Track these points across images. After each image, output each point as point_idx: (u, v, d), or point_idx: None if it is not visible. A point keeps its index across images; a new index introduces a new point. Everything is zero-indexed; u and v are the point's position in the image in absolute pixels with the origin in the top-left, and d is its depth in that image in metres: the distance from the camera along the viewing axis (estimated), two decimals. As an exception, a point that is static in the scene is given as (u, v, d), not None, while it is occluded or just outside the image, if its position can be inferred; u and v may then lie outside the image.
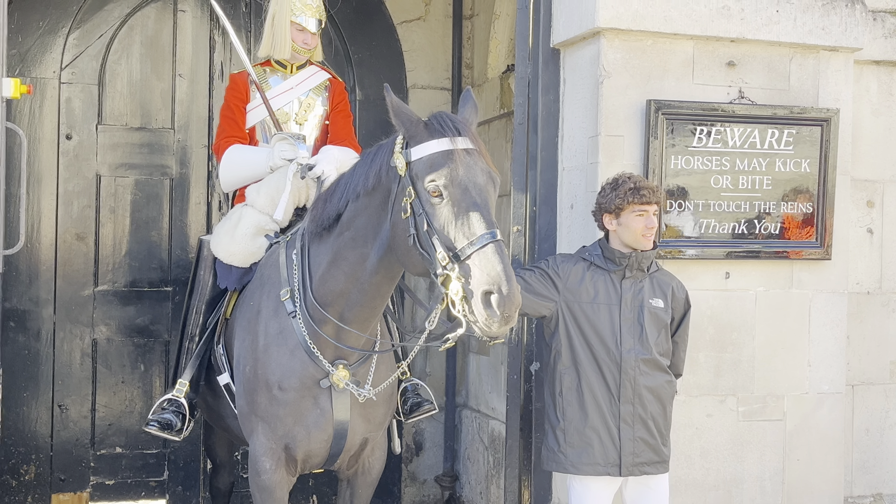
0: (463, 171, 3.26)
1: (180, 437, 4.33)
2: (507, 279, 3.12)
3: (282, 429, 3.83)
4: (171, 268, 6.25)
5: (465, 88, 3.85)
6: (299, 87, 4.65)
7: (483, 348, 6.51)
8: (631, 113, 4.38)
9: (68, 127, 6.10)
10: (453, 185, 3.24)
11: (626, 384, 3.90)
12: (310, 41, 4.63)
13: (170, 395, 4.34)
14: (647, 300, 3.95)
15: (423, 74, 6.72)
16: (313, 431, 3.83)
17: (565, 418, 3.96)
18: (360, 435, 3.96)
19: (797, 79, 4.60)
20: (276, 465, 3.87)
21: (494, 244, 3.17)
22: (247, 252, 4.29)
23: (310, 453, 3.89)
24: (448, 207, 3.24)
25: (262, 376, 3.86)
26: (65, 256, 6.10)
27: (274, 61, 4.69)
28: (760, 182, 4.52)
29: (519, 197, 4.70)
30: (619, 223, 3.92)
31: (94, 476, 6.16)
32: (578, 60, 4.55)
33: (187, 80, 6.29)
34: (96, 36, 6.13)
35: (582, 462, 3.93)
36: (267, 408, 3.84)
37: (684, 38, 4.43)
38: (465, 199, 3.23)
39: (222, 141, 4.58)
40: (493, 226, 3.22)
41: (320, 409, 3.82)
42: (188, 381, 4.33)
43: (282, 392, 3.81)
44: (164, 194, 6.28)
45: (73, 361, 6.12)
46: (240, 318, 4.14)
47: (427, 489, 6.79)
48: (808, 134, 4.55)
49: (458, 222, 3.22)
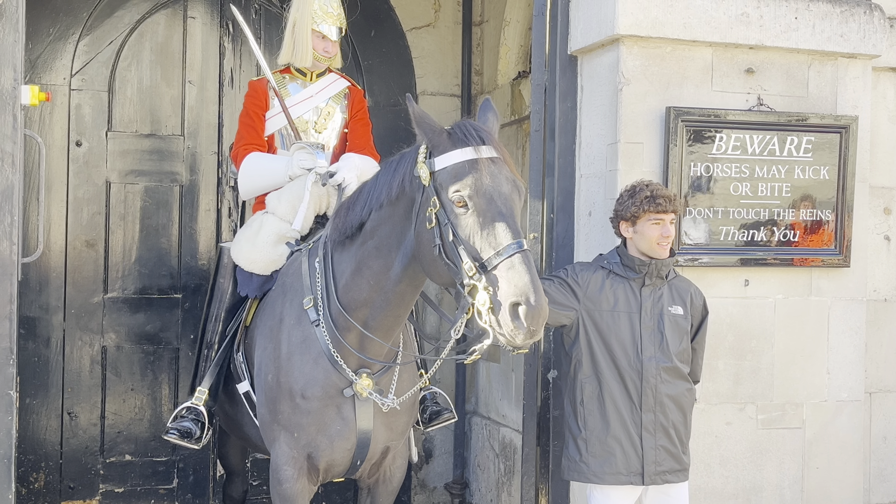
0: (488, 180, 3.24)
1: (199, 445, 4.30)
2: (534, 290, 3.09)
3: (305, 438, 3.81)
4: (180, 275, 6.22)
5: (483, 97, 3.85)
6: (319, 96, 4.63)
7: (494, 355, 6.49)
8: (650, 120, 4.37)
9: (78, 134, 6.07)
10: (478, 195, 3.22)
11: (648, 392, 3.88)
12: (330, 49, 4.61)
13: (189, 402, 4.32)
14: (666, 307, 3.94)
15: (433, 81, 6.70)
16: (336, 440, 3.81)
17: (587, 428, 3.94)
18: (383, 443, 3.94)
19: (816, 86, 4.59)
20: (299, 474, 3.85)
21: (522, 254, 3.14)
22: (268, 260, 4.27)
23: (332, 462, 3.86)
24: (473, 217, 3.21)
25: (285, 385, 3.83)
26: (74, 263, 6.07)
27: (294, 69, 4.66)
28: (779, 189, 4.51)
29: (535, 204, 4.68)
30: (635, 231, 3.91)
31: (103, 484, 6.12)
32: (597, 67, 4.54)
33: (197, 87, 6.27)
34: (106, 42, 6.10)
35: (604, 472, 3.91)
36: (290, 416, 3.82)
37: (703, 44, 4.42)
38: (491, 209, 3.21)
39: (241, 148, 4.55)
40: (520, 235, 3.19)
41: (343, 418, 3.80)
42: (207, 389, 4.30)
43: (305, 401, 3.78)
44: (173, 201, 6.25)
45: (83, 369, 6.09)
46: (261, 326, 4.12)
47: (437, 497, 6.76)
48: (826, 141, 4.54)
49: (483, 232, 3.20)
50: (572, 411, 4.00)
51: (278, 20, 6.32)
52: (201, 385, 4.34)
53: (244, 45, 6.34)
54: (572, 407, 4.00)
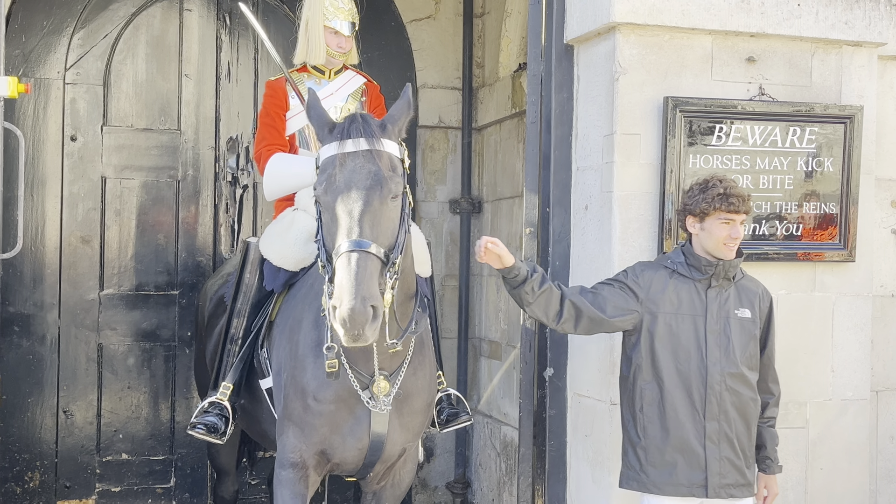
0: (340, 175, 3.27)
1: (223, 440, 4.24)
2: (348, 294, 3.09)
3: (316, 436, 3.76)
4: (177, 271, 6.15)
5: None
6: (338, 94, 4.60)
7: (496, 353, 6.39)
8: (648, 110, 4.24)
9: (73, 128, 6.01)
10: (328, 193, 3.27)
11: (712, 400, 3.65)
12: (344, 44, 4.59)
13: (213, 398, 4.25)
14: (733, 310, 3.71)
15: (434, 74, 6.61)
16: (349, 439, 3.76)
17: (646, 436, 3.70)
18: (400, 445, 3.88)
19: (819, 75, 4.46)
20: (302, 462, 3.79)
21: (347, 255, 3.15)
22: (298, 257, 4.23)
23: (344, 460, 3.83)
24: (327, 216, 3.29)
25: (299, 386, 3.78)
26: (69, 260, 6.01)
27: (311, 67, 4.62)
28: (782, 182, 4.38)
29: (531, 198, 4.57)
30: (703, 228, 3.69)
31: (99, 483, 6.06)
32: (593, 57, 4.42)
33: (194, 81, 6.19)
34: (101, 36, 6.04)
35: (665, 482, 3.68)
36: (301, 416, 3.77)
37: (702, 32, 4.29)
38: (336, 208, 3.25)
39: (263, 149, 4.52)
40: (355, 234, 3.19)
41: (356, 418, 3.74)
42: (232, 384, 4.24)
43: (317, 403, 3.74)
44: (170, 196, 6.19)
45: (79, 366, 6.03)
46: (282, 324, 4.08)
47: (438, 496, 6.67)
48: (831, 132, 4.41)
49: (331, 232, 3.26)
50: (631, 418, 3.77)
51: (276, 13, 6.25)
52: (226, 380, 4.27)
53: (241, 39, 6.27)
54: (631, 413, 3.77)
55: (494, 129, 6.44)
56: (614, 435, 4.19)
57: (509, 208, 6.17)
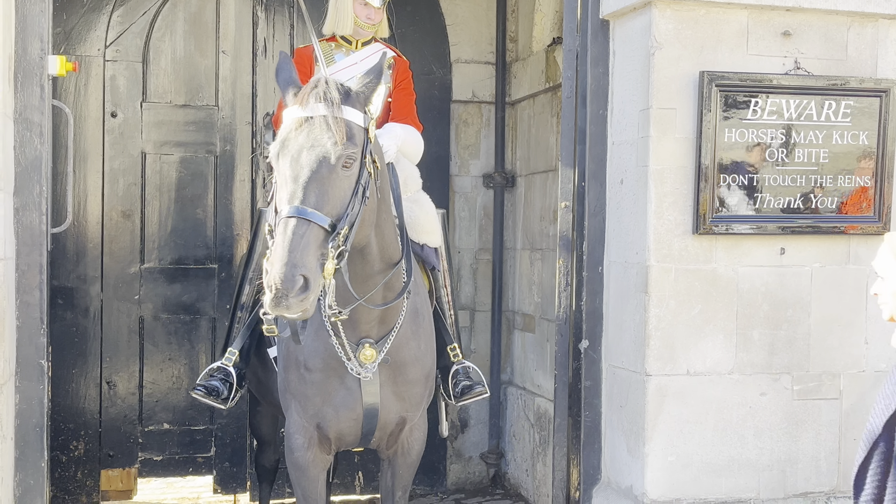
0: (292, 139, 3.20)
1: (226, 406, 4.32)
2: (279, 260, 2.98)
3: (312, 408, 3.81)
4: (216, 245, 6.25)
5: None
6: (362, 64, 4.57)
7: (529, 325, 6.46)
8: (683, 85, 4.27)
9: (113, 105, 6.10)
10: (279, 158, 3.19)
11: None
12: (373, 16, 4.54)
13: (219, 363, 4.34)
14: None
15: (467, 49, 6.64)
16: (342, 411, 3.80)
17: None
18: (396, 414, 3.91)
19: (855, 48, 4.46)
20: (309, 444, 3.86)
21: (284, 220, 3.06)
22: None
23: (341, 433, 3.86)
24: (279, 179, 3.21)
25: (293, 355, 3.84)
26: (111, 234, 6.12)
27: (339, 37, 4.62)
28: (817, 155, 4.40)
29: (567, 172, 4.62)
30: None
31: (142, 452, 6.20)
32: (629, 31, 4.45)
33: (231, 57, 6.26)
34: (140, 13, 6.11)
35: None
36: (297, 386, 3.83)
37: (738, 7, 4.31)
38: (286, 172, 3.16)
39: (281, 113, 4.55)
40: (297, 200, 3.09)
41: (347, 388, 3.78)
42: (238, 351, 4.32)
43: (308, 372, 3.79)
44: (208, 172, 6.27)
45: (121, 338, 6.15)
46: None
47: (472, 466, 6.76)
48: (866, 105, 4.42)
49: (278, 195, 3.19)
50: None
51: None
52: (232, 346, 4.36)
53: (277, 15, 6.32)
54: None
55: (528, 103, 6.47)
56: (649, 406, 4.26)
57: (543, 182, 6.21)
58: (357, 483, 6.41)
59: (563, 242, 4.64)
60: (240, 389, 4.34)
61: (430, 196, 4.47)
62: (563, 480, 4.69)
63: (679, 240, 4.30)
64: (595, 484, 4.63)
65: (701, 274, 4.34)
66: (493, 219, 6.71)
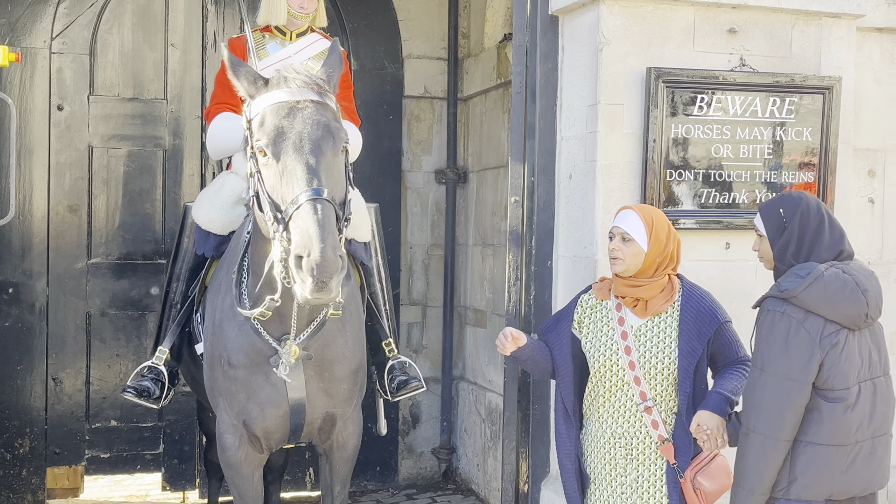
0: (291, 125, 3.15)
1: (158, 405, 4.27)
2: (319, 241, 2.95)
3: (237, 405, 3.77)
4: (164, 240, 6.19)
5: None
6: (298, 55, 4.52)
7: (481, 321, 6.48)
8: (631, 81, 4.31)
9: (59, 98, 6.02)
10: (277, 142, 3.14)
11: None
12: (307, 6, 4.47)
13: (149, 362, 4.29)
14: None
15: (419, 44, 6.64)
16: (267, 408, 3.75)
17: None
18: (323, 409, 3.85)
19: (799, 46, 4.53)
20: (240, 442, 3.82)
21: (311, 203, 3.02)
22: (226, 220, 4.23)
23: (268, 430, 3.80)
24: (274, 166, 3.14)
25: (217, 351, 3.80)
26: (57, 229, 6.04)
27: (274, 27, 4.56)
28: (761, 151, 4.46)
29: (516, 167, 4.63)
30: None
31: (89, 449, 6.13)
32: (577, 27, 4.48)
33: (180, 50, 6.21)
34: (87, 5, 6.04)
35: None
36: (222, 383, 3.79)
37: (685, 4, 4.35)
38: (289, 157, 3.12)
39: (213, 107, 4.50)
40: (315, 183, 3.07)
41: (272, 385, 3.72)
42: (168, 349, 4.27)
43: (232, 368, 3.74)
44: (157, 166, 6.22)
45: (67, 335, 6.08)
46: (210, 289, 4.08)
47: (424, 462, 6.77)
48: (810, 102, 4.49)
49: (282, 182, 3.12)
50: None
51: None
52: (162, 345, 4.31)
53: (227, 8, 6.27)
54: None
55: (480, 99, 6.49)
56: (597, 399, 4.28)
57: (494, 178, 6.24)
58: (308, 479, 6.39)
59: (513, 237, 4.65)
60: (172, 388, 4.30)
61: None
62: (512, 474, 4.71)
63: (626, 234, 4.34)
64: (544, 477, 4.65)
65: (648, 268, 4.38)
66: (445, 214, 6.72)
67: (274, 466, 5.02)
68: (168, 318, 4.45)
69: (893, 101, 4.92)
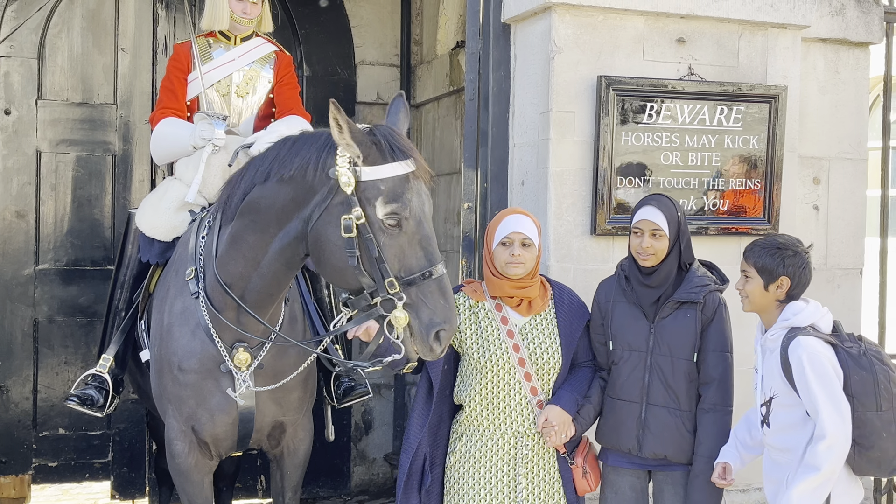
0: (416, 200, 3.25)
1: (103, 413, 4.25)
2: (455, 315, 3.21)
3: (186, 410, 3.76)
4: (113, 246, 6.11)
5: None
6: (241, 59, 4.53)
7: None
8: (582, 89, 4.36)
9: (7, 102, 5.95)
10: (411, 217, 3.22)
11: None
12: (249, 10, 4.48)
13: (93, 370, 4.25)
14: None
15: (372, 51, 6.65)
16: (217, 414, 3.75)
17: None
18: (271, 417, 3.87)
19: (746, 56, 4.62)
20: (190, 449, 3.81)
21: (441, 278, 3.21)
22: (169, 226, 4.22)
23: (217, 436, 3.80)
24: (404, 237, 3.21)
25: (166, 356, 3.78)
26: (4, 234, 5.96)
27: (218, 32, 4.56)
28: (709, 159, 4.53)
29: (469, 174, 4.67)
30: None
31: (36, 458, 6.04)
32: (529, 36, 4.52)
33: (130, 55, 6.16)
34: (35, 8, 5.97)
35: None
36: (172, 389, 3.77)
37: (635, 13, 4.41)
38: (419, 231, 3.23)
39: (158, 112, 4.48)
40: (440, 259, 3.27)
41: (222, 392, 3.73)
42: (112, 357, 4.25)
43: (182, 373, 3.73)
44: (106, 171, 6.16)
45: (14, 342, 5.99)
46: (157, 296, 4.06)
47: (376, 468, 6.77)
48: (756, 111, 4.57)
49: (409, 252, 3.21)
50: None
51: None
52: (106, 353, 4.28)
53: (178, 13, 6.24)
54: None
55: (433, 106, 6.51)
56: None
57: (447, 184, 6.26)
58: (259, 487, 6.35)
59: (466, 243, 4.69)
60: (117, 396, 4.27)
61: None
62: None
63: (578, 240, 4.39)
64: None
65: (599, 273, 4.40)
66: (397, 220, 6.71)
67: (226, 474, 4.99)
68: (112, 325, 4.42)
69: (837, 109, 5.03)
